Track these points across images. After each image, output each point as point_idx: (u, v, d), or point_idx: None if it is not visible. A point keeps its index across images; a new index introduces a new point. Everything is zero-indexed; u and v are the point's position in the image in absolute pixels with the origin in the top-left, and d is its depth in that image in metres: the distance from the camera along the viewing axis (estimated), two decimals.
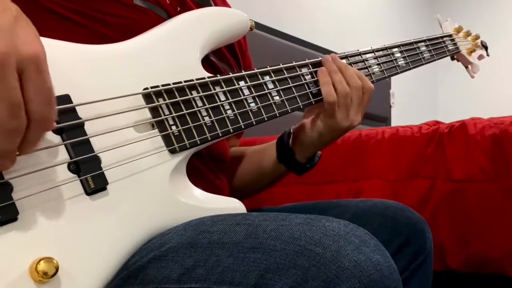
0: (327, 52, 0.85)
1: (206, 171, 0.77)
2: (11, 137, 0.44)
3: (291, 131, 0.87)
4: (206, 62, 0.77)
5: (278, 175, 0.90)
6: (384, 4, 3.80)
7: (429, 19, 4.12)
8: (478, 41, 1.20)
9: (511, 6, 4.10)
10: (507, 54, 3.77)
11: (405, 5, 4.08)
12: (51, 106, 0.46)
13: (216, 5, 0.86)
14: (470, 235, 1.20)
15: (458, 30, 1.17)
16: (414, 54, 0.98)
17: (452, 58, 1.18)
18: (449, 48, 1.10)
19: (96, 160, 0.55)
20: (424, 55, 1.01)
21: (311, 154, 0.86)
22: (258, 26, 2.06)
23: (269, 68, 0.75)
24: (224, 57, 0.83)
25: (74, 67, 0.58)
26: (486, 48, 1.21)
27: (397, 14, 3.94)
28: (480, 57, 1.20)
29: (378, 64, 0.91)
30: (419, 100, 4.10)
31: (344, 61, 0.84)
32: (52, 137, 0.53)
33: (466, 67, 1.19)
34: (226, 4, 0.93)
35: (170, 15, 0.73)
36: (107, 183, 0.55)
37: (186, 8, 0.77)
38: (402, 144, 1.37)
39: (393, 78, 0.98)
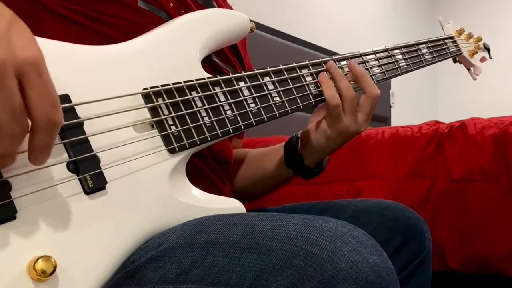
0: (328, 52, 0.85)
1: (209, 173, 0.77)
2: (13, 141, 0.44)
3: (299, 135, 0.86)
4: (209, 63, 0.77)
5: (284, 179, 0.89)
6: (385, 6, 3.80)
7: (431, 18, 4.12)
8: (481, 43, 1.19)
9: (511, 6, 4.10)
10: (507, 54, 3.77)
11: (406, 7, 4.08)
12: (57, 108, 0.45)
13: (219, 6, 0.85)
14: (470, 235, 1.20)
15: (460, 32, 1.16)
16: (415, 56, 0.97)
17: (455, 61, 1.17)
18: (451, 50, 1.10)
19: (95, 160, 0.55)
20: (426, 57, 1.00)
21: (319, 159, 0.85)
22: (260, 26, 2.06)
23: (269, 69, 0.75)
24: (227, 58, 0.83)
25: (73, 67, 0.58)
26: (488, 50, 1.20)
27: (398, 16, 3.93)
28: (483, 59, 1.20)
29: (379, 66, 0.91)
30: (419, 100, 4.10)
31: (344, 62, 0.84)
32: None
33: (468, 69, 1.18)
34: (227, 6, 0.93)
35: (172, 18, 0.73)
36: (106, 183, 0.55)
37: (190, 11, 0.77)
38: (402, 144, 1.37)
39: (393, 79, 0.98)
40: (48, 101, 0.44)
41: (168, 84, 0.64)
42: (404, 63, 0.95)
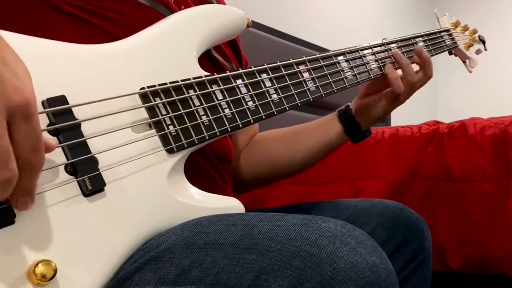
0: (325, 51, 0.85)
1: (211, 171, 0.76)
2: (3, 188, 0.44)
3: (350, 107, 0.96)
4: (208, 58, 0.77)
5: (338, 146, 0.99)
6: (386, 5, 3.80)
7: (429, 18, 4.12)
8: (476, 35, 1.18)
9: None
10: (507, 53, 3.76)
11: (404, 5, 4.08)
12: (38, 151, 0.45)
13: (218, 2, 0.85)
14: (469, 235, 1.20)
15: (456, 24, 1.15)
16: (411, 50, 0.98)
17: (450, 53, 1.17)
18: (447, 43, 1.09)
19: (93, 161, 0.55)
20: None
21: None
22: (257, 25, 2.06)
23: (266, 66, 0.75)
24: (224, 53, 0.83)
25: (70, 67, 0.58)
26: (483, 42, 1.20)
27: (397, 14, 3.93)
28: (478, 52, 1.19)
29: (376, 61, 0.91)
30: (419, 100, 4.09)
31: (341, 57, 0.85)
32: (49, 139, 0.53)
33: (464, 62, 1.18)
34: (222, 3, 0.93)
35: (173, 13, 0.73)
36: (104, 184, 0.55)
37: (189, 6, 0.76)
38: (402, 144, 1.37)
39: None
40: (30, 144, 0.44)
41: (165, 83, 0.63)
42: None
